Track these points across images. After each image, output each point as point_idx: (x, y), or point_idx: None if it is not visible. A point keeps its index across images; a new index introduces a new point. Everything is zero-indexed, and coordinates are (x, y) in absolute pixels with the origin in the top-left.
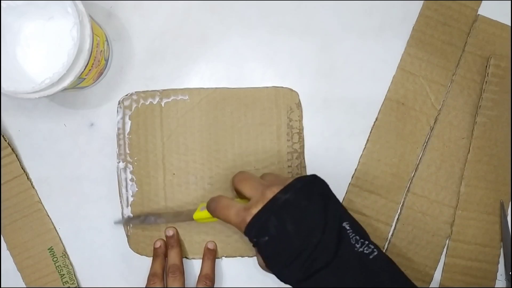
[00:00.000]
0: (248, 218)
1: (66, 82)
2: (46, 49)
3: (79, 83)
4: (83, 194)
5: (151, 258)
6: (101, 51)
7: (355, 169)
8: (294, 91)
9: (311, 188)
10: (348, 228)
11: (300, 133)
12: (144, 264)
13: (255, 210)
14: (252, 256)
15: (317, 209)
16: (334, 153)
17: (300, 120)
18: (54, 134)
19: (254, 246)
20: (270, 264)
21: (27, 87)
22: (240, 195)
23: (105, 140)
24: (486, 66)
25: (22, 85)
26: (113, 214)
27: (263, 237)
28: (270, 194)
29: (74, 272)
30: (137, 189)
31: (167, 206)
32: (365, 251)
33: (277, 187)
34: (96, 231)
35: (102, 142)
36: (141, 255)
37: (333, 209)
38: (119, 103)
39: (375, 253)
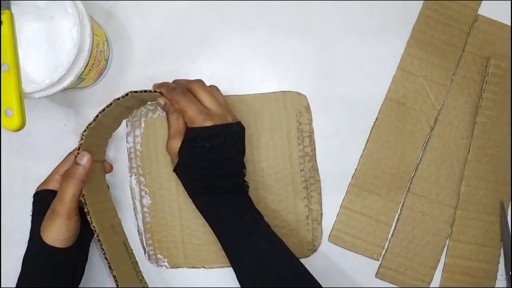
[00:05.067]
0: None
1: (66, 82)
2: (46, 49)
3: (79, 83)
4: None
5: (149, 260)
6: (101, 51)
7: (355, 169)
8: (302, 94)
9: None
10: None
11: (311, 136)
12: (144, 264)
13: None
14: None
15: None
16: (334, 153)
17: (310, 123)
18: (54, 134)
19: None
20: None
21: (27, 87)
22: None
23: None
24: (486, 66)
25: (23, 85)
26: None
27: None
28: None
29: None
30: (150, 201)
31: (182, 217)
32: None
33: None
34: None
35: None
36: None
37: None
38: (128, 117)
39: None
